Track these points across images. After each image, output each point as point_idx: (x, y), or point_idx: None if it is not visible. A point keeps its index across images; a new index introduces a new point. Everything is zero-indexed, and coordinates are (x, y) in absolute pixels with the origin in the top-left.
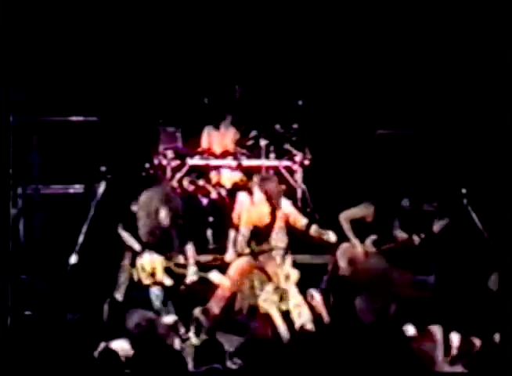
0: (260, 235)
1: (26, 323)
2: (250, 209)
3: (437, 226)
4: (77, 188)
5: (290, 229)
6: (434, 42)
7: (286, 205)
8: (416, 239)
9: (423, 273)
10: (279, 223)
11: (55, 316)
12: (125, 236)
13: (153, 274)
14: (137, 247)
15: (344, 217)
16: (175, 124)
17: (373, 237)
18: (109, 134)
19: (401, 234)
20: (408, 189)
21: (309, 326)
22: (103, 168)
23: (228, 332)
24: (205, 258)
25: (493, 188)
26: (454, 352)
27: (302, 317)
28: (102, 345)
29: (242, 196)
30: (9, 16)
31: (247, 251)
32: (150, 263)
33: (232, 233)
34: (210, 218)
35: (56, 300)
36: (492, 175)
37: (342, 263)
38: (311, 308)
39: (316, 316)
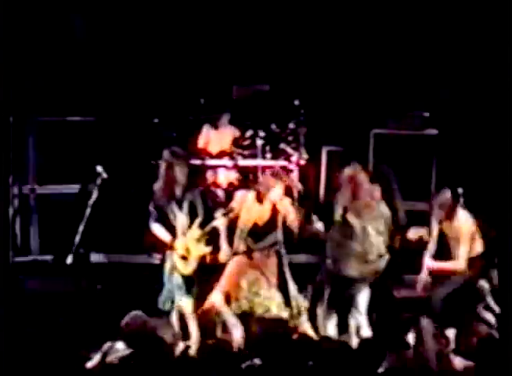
0: (258, 232)
1: (23, 324)
2: (250, 207)
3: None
4: (74, 188)
5: (286, 228)
6: (429, 41)
7: (288, 203)
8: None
9: (419, 273)
10: (278, 222)
11: (52, 317)
12: (157, 228)
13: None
14: (167, 238)
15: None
16: (171, 124)
17: None
18: (106, 134)
19: None
20: (404, 189)
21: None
22: (100, 168)
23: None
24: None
25: (490, 188)
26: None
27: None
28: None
29: (240, 193)
30: (9, 18)
31: (242, 248)
32: (183, 245)
33: (223, 232)
34: None
35: (53, 301)
36: (490, 174)
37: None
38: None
39: None
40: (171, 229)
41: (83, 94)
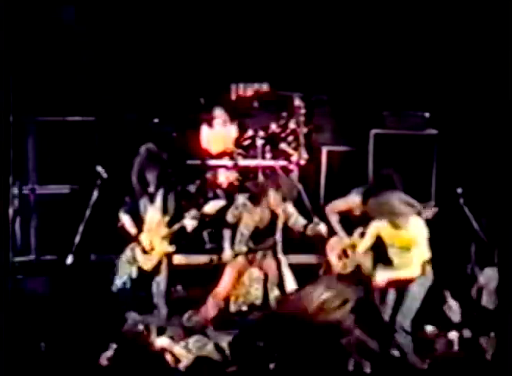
0: (258, 235)
1: (22, 322)
2: (250, 210)
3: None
4: (74, 188)
5: (287, 229)
6: (429, 41)
7: (288, 206)
8: None
9: None
10: (279, 224)
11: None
12: (125, 219)
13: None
14: (133, 230)
15: (331, 209)
16: (171, 124)
17: (361, 230)
18: (106, 134)
19: None
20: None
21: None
22: (100, 168)
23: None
24: (202, 258)
25: (490, 188)
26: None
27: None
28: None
29: (242, 198)
30: (9, 18)
31: (244, 249)
32: (147, 238)
33: (227, 233)
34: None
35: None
36: (489, 174)
37: (332, 258)
38: None
39: None
40: (141, 222)
41: (83, 94)
